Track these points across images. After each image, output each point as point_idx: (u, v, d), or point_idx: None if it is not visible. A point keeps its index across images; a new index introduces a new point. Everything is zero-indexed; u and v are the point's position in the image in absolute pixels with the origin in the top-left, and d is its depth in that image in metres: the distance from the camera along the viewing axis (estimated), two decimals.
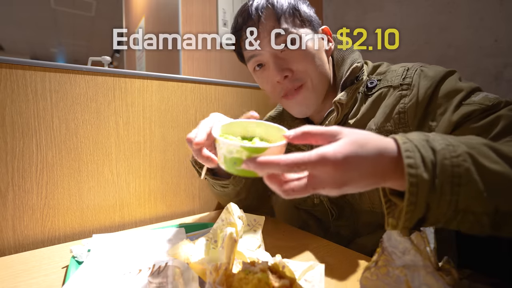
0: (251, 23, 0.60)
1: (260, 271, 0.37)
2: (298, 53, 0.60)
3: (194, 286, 0.40)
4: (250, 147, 0.34)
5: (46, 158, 0.70)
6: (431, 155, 0.31)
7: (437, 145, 0.32)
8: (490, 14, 0.93)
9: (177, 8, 0.96)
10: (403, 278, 0.31)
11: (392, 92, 0.57)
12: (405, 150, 0.31)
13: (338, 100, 0.59)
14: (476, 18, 0.96)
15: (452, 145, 0.32)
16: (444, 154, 0.31)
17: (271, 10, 0.59)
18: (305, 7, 0.62)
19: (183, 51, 0.97)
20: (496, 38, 0.92)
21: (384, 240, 0.35)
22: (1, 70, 0.64)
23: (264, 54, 0.61)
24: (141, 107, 0.84)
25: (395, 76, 0.58)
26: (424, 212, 0.31)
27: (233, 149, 0.35)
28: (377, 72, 0.64)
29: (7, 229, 0.66)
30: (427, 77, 0.54)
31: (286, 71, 0.60)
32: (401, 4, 1.15)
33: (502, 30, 0.91)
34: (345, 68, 0.63)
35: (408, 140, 0.33)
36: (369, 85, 0.61)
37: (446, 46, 1.03)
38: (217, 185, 0.71)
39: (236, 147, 0.34)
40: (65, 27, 0.87)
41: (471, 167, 0.31)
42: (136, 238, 0.62)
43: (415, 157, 0.31)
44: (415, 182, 0.30)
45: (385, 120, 0.56)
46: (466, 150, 0.32)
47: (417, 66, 0.57)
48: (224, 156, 0.36)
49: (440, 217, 0.32)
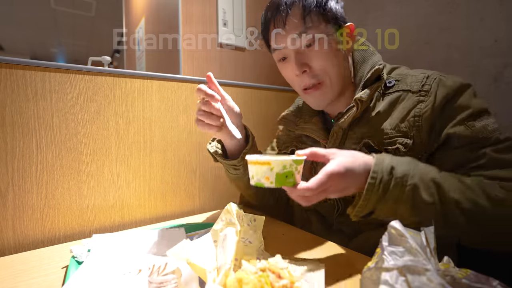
0: (279, 18, 0.63)
1: (260, 271, 0.37)
2: (319, 53, 0.63)
3: (194, 286, 0.40)
4: (297, 160, 0.47)
5: (46, 158, 0.70)
6: (388, 179, 0.48)
7: (397, 173, 0.48)
8: (490, 14, 0.93)
9: (177, 8, 0.96)
10: (403, 278, 0.31)
11: (410, 96, 0.60)
12: (372, 172, 0.48)
13: (359, 98, 0.62)
14: (476, 18, 0.96)
15: (408, 174, 0.48)
16: (398, 181, 0.48)
17: (298, 6, 0.61)
18: (333, 3, 0.64)
19: (183, 51, 0.97)
20: (496, 38, 0.92)
21: (384, 240, 0.35)
22: (1, 70, 0.64)
23: (288, 48, 0.64)
24: (141, 107, 0.84)
25: (414, 82, 0.61)
26: (371, 210, 0.50)
27: (286, 164, 0.46)
28: (395, 72, 0.67)
29: (7, 229, 0.66)
30: (445, 86, 0.57)
31: (305, 66, 0.63)
32: (401, 4, 1.15)
33: (502, 30, 0.91)
34: (367, 68, 0.66)
35: (380, 162, 0.49)
36: (388, 85, 0.64)
37: (446, 46, 1.03)
38: (231, 168, 0.74)
39: (289, 161, 0.46)
40: (65, 27, 0.87)
41: (412, 195, 0.48)
42: (136, 238, 0.62)
43: (376, 178, 0.48)
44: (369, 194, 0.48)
45: (401, 121, 0.59)
46: (415, 182, 0.48)
47: (437, 74, 0.60)
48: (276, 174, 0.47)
49: (382, 215, 0.51)
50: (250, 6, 1.14)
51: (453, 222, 0.47)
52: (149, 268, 0.48)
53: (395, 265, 0.31)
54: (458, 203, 0.47)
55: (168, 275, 0.42)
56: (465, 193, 0.48)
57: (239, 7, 1.11)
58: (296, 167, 0.47)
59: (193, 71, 1.00)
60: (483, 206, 0.47)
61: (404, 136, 0.58)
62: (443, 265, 0.35)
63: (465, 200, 0.47)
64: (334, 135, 0.67)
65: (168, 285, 0.41)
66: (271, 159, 0.46)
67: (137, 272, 0.48)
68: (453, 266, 0.34)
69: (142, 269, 0.48)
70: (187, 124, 0.94)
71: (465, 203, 0.47)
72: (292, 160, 0.46)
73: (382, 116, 0.62)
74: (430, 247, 0.34)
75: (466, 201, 0.47)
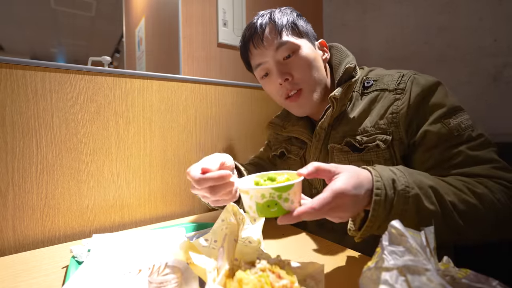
0: (257, 37, 0.68)
1: (260, 271, 0.37)
2: (298, 61, 0.67)
3: (194, 286, 0.40)
4: (279, 187, 0.39)
5: (46, 158, 0.70)
6: (392, 193, 0.45)
7: (399, 185, 0.46)
8: (490, 14, 0.93)
9: (177, 8, 0.96)
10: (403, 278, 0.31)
11: (387, 94, 0.64)
12: (376, 189, 0.45)
13: (333, 96, 0.65)
14: (475, 18, 0.96)
15: (409, 186, 0.46)
16: (401, 194, 0.46)
17: (272, 25, 0.67)
18: (302, 22, 0.71)
19: (183, 51, 0.97)
20: (495, 38, 0.92)
21: (384, 240, 0.35)
22: (1, 70, 0.64)
23: (269, 62, 0.69)
24: (141, 107, 0.84)
25: (391, 81, 0.65)
26: (377, 229, 0.46)
27: (265, 193, 0.39)
28: (373, 73, 0.71)
29: (7, 229, 0.66)
30: (418, 84, 0.61)
31: (287, 75, 0.67)
32: (400, 4, 1.15)
33: (502, 30, 0.91)
34: (341, 69, 0.69)
35: (380, 177, 0.46)
36: (366, 85, 0.68)
37: (445, 46, 1.03)
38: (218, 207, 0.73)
39: (268, 190, 0.39)
40: (65, 27, 0.87)
41: (415, 206, 0.46)
42: (136, 238, 0.62)
43: (381, 195, 0.45)
44: (375, 215, 0.45)
45: (380, 118, 0.62)
46: (416, 192, 0.46)
47: (411, 73, 0.64)
48: (256, 203, 0.40)
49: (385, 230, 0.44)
50: (250, 6, 1.14)
51: (454, 226, 0.48)
52: (149, 268, 0.48)
53: (395, 265, 0.32)
54: (454, 206, 0.48)
55: (168, 275, 0.42)
56: (457, 195, 0.49)
57: (239, 7, 1.11)
58: (280, 195, 0.39)
59: (193, 71, 1.00)
60: (474, 204, 0.48)
61: (383, 133, 0.61)
62: (443, 265, 0.35)
63: (458, 202, 0.48)
64: (317, 135, 0.71)
65: (168, 285, 0.41)
66: (249, 187, 0.40)
67: (137, 272, 0.48)
68: (453, 266, 0.35)
69: (142, 269, 0.48)
70: (187, 124, 0.94)
71: (460, 205, 0.48)
72: (271, 188, 0.39)
73: (362, 115, 0.65)
74: (430, 247, 0.34)
75: (460, 203, 0.48)
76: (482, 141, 0.55)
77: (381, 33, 1.22)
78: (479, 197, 0.49)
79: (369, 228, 0.46)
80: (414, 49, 1.11)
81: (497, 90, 0.92)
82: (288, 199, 0.40)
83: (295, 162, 0.79)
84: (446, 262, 0.35)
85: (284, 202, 0.40)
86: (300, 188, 0.42)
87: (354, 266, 0.52)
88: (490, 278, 0.31)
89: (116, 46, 0.97)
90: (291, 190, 0.40)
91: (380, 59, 1.22)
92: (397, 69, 0.68)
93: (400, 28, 1.15)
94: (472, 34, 0.97)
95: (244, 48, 0.73)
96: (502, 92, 0.91)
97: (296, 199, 0.41)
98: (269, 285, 0.35)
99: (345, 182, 0.42)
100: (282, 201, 0.40)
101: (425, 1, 1.08)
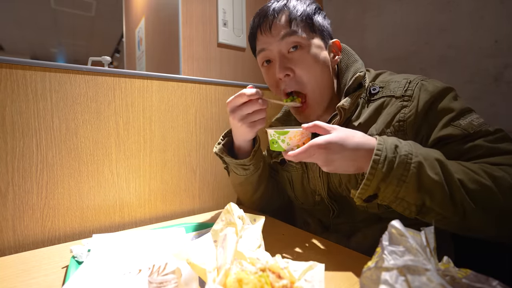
0: (266, 21, 0.64)
1: (260, 271, 0.37)
2: (303, 58, 0.63)
3: (194, 286, 0.40)
4: (277, 131, 0.56)
5: (46, 158, 0.70)
6: (393, 157, 0.46)
7: (402, 151, 0.47)
8: (491, 14, 0.93)
9: (177, 8, 0.96)
10: (403, 278, 0.31)
11: (394, 101, 0.61)
12: (376, 149, 0.47)
13: (342, 106, 0.63)
14: (476, 17, 0.96)
15: (412, 153, 0.46)
16: (402, 159, 0.46)
17: (286, 13, 0.63)
18: (320, 18, 0.66)
19: (183, 51, 0.97)
20: (496, 38, 0.92)
21: (385, 240, 0.35)
22: (1, 70, 0.64)
23: (273, 51, 0.65)
24: (141, 107, 0.84)
25: (397, 87, 0.62)
26: (375, 192, 0.48)
27: (271, 133, 0.58)
28: (379, 79, 0.68)
29: (7, 229, 0.66)
30: (427, 91, 0.58)
31: (288, 70, 0.63)
32: (401, 3, 1.15)
33: (503, 30, 0.91)
34: (349, 76, 0.67)
35: (383, 142, 0.48)
36: (372, 91, 0.66)
37: (446, 46, 1.03)
38: (240, 168, 0.74)
39: (271, 132, 0.57)
40: (65, 27, 0.87)
41: (417, 172, 0.45)
42: (136, 238, 0.62)
43: (381, 155, 0.46)
44: (373, 172, 0.47)
45: (386, 127, 0.60)
46: (420, 160, 0.46)
47: (419, 79, 0.61)
48: (269, 140, 0.59)
49: (385, 198, 0.48)
50: (250, 6, 1.14)
51: (460, 204, 0.45)
52: (149, 268, 0.48)
53: (395, 265, 0.31)
54: (462, 183, 0.46)
55: (168, 275, 0.42)
56: (468, 174, 0.47)
57: (239, 7, 1.11)
58: (279, 137, 0.56)
59: (193, 71, 1.00)
60: (488, 186, 0.46)
61: None
62: (443, 265, 0.35)
63: (468, 181, 0.46)
64: None
65: (168, 285, 0.41)
66: (267, 129, 0.59)
67: (137, 272, 0.48)
68: (453, 266, 0.34)
69: (142, 269, 0.48)
70: (187, 124, 0.94)
71: (470, 184, 0.46)
72: (274, 131, 0.56)
73: (368, 122, 0.63)
74: (430, 247, 0.34)
75: (470, 182, 0.46)
76: (502, 135, 0.53)
77: (381, 33, 1.22)
78: (496, 180, 0.46)
79: (367, 187, 0.48)
80: (415, 50, 1.11)
81: (498, 91, 0.92)
82: (284, 141, 0.56)
83: (296, 169, 0.76)
84: (446, 262, 0.35)
85: (282, 143, 0.56)
86: (299, 137, 0.56)
87: (354, 266, 0.52)
88: (490, 278, 0.31)
89: (116, 46, 0.97)
90: (286, 135, 0.55)
91: (380, 59, 1.22)
92: (397, 69, 0.66)
93: (401, 28, 1.15)
94: (473, 35, 0.96)
95: (251, 31, 0.69)
96: (503, 92, 0.91)
97: (293, 143, 0.56)
98: (269, 285, 0.35)
99: (334, 134, 0.50)
100: (280, 142, 0.56)
101: (426, 0, 1.08)
